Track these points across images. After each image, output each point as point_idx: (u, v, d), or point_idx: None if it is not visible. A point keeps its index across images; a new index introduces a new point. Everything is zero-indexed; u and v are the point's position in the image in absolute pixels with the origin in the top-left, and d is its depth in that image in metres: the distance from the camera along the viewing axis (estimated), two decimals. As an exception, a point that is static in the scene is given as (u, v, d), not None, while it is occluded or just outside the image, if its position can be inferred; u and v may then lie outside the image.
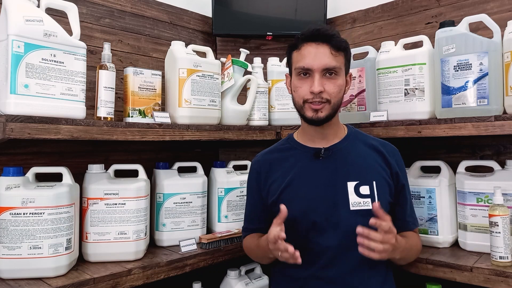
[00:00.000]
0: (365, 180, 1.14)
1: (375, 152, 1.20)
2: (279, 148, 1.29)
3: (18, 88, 1.04)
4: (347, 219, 1.11)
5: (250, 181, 1.30)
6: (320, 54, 1.13)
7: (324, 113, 1.15)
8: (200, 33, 1.91)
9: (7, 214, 1.09)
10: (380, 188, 1.14)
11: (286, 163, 1.22)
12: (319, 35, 1.14)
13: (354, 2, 1.90)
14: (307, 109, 1.16)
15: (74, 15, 1.19)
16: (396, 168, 1.20)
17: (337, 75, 1.15)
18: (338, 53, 1.14)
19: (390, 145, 1.25)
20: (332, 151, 1.19)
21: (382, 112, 1.43)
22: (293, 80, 1.20)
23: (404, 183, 1.22)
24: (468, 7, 1.56)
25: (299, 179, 1.17)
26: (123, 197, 1.27)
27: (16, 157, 1.33)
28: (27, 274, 1.10)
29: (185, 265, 1.32)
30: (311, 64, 1.13)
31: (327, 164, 1.18)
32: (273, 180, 1.21)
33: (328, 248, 1.12)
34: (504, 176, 1.29)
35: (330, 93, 1.14)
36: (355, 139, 1.23)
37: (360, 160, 1.18)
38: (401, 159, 1.24)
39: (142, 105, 1.38)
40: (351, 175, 1.15)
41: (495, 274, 1.13)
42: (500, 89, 1.23)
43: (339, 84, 1.15)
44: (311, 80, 1.14)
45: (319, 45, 1.14)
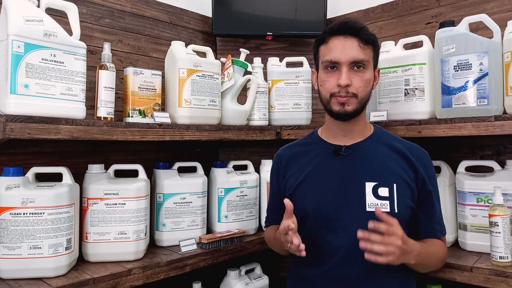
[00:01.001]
0: (384, 182, 1.11)
1: (399, 155, 1.16)
2: (301, 143, 1.28)
3: (18, 88, 1.04)
4: (361, 220, 1.07)
5: (271, 173, 1.31)
6: (348, 47, 1.11)
7: (351, 107, 1.12)
8: (200, 33, 1.91)
9: (7, 214, 1.09)
10: (400, 192, 1.10)
11: (305, 158, 1.21)
12: (347, 28, 1.13)
13: (354, 2, 1.90)
14: (334, 103, 1.13)
15: (74, 15, 1.19)
16: (423, 173, 1.14)
17: (365, 68, 1.13)
18: (366, 46, 1.12)
19: (419, 148, 1.19)
20: (353, 150, 1.16)
21: (382, 112, 1.43)
22: (319, 74, 1.18)
23: (431, 190, 1.16)
24: (468, 7, 1.56)
25: (314, 175, 1.16)
26: (123, 197, 1.27)
27: (16, 157, 1.33)
28: (27, 274, 1.10)
29: (185, 265, 1.32)
30: (339, 57, 1.11)
31: (346, 162, 1.15)
32: (291, 174, 1.21)
33: (339, 247, 1.09)
34: (504, 176, 1.29)
35: (357, 87, 1.11)
36: (379, 140, 1.19)
37: (382, 161, 1.14)
38: (430, 164, 1.18)
39: (142, 105, 1.39)
40: (370, 176, 1.12)
41: (495, 274, 1.13)
42: (500, 89, 1.23)
43: (366, 78, 1.13)
44: (338, 74, 1.12)
45: (347, 38, 1.12)
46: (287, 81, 1.73)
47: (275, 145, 1.82)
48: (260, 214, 1.67)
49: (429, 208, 1.16)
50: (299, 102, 1.73)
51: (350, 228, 1.09)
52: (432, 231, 1.16)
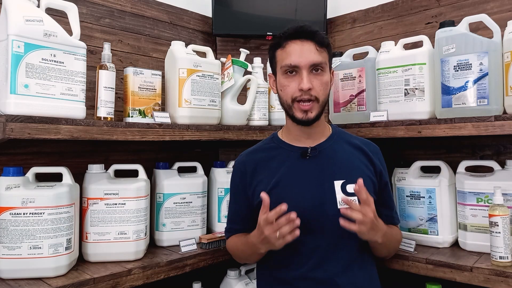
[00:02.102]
0: (351, 179, 1.13)
1: (359, 151, 1.22)
2: (264, 148, 1.27)
3: (18, 88, 1.04)
4: (334, 218, 1.09)
5: (234, 181, 1.28)
6: (306, 50, 1.13)
7: (314, 113, 1.15)
8: (200, 33, 1.91)
9: (7, 214, 1.09)
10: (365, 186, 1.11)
11: (272, 163, 1.21)
12: (303, 32, 1.15)
13: (354, 2, 1.90)
14: (296, 109, 1.16)
15: (74, 15, 1.19)
16: (379, 166, 1.22)
17: (323, 71, 1.16)
18: (322, 49, 1.15)
19: (372, 144, 1.27)
20: (318, 151, 1.19)
21: (382, 112, 1.43)
22: (278, 79, 1.19)
23: (387, 181, 1.25)
24: (468, 7, 1.56)
25: (287, 179, 1.17)
26: (123, 197, 1.27)
27: (16, 157, 1.33)
28: (27, 274, 1.10)
29: (185, 265, 1.32)
30: (298, 61, 1.13)
31: (314, 163, 1.18)
32: (259, 181, 1.20)
33: (316, 248, 1.12)
34: (504, 176, 1.29)
35: (318, 91, 1.14)
36: (339, 138, 1.24)
37: (346, 159, 1.19)
38: (382, 157, 1.27)
39: (142, 105, 1.39)
40: (337, 174, 1.16)
41: (495, 274, 1.13)
42: (500, 89, 1.23)
43: (325, 81, 1.16)
44: (299, 77, 1.13)
45: (304, 42, 1.14)
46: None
47: (275, 145, 1.82)
48: (260, 214, 1.67)
49: (387, 198, 1.25)
50: (299, 102, 1.72)
51: (326, 228, 1.12)
52: (392, 219, 1.25)
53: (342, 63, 1.64)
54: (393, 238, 1.21)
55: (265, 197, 1.04)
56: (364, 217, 1.02)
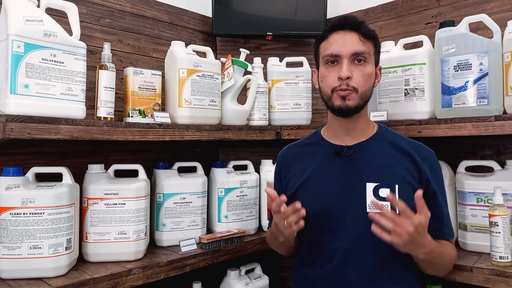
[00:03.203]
0: (386, 183, 1.08)
1: (403, 154, 1.13)
2: (304, 143, 1.27)
3: (18, 88, 1.04)
4: (361, 221, 1.06)
5: (275, 172, 1.31)
6: (349, 40, 1.11)
7: (352, 102, 1.10)
8: (200, 33, 1.91)
9: (7, 214, 1.09)
10: (403, 193, 1.07)
11: (306, 159, 1.21)
12: (346, 23, 1.13)
13: (354, 2, 1.90)
14: (335, 98, 1.11)
15: (74, 15, 1.19)
16: (427, 174, 1.11)
17: (366, 62, 1.11)
18: (367, 40, 1.12)
19: (425, 148, 1.17)
20: (354, 150, 1.15)
21: (382, 112, 1.43)
22: (320, 70, 1.17)
23: (436, 191, 1.12)
24: (468, 7, 1.56)
25: (316, 177, 1.16)
26: (123, 197, 1.27)
27: (16, 157, 1.33)
28: (27, 274, 1.10)
29: (185, 265, 1.32)
30: (339, 50, 1.10)
31: (347, 163, 1.14)
32: (292, 175, 1.21)
33: (339, 249, 1.08)
34: (504, 176, 1.29)
35: (358, 82, 1.09)
36: (383, 139, 1.17)
37: (384, 162, 1.12)
38: (436, 164, 1.16)
39: (142, 105, 1.38)
40: (371, 176, 1.10)
41: (495, 274, 1.13)
42: (500, 89, 1.23)
43: (367, 72, 1.11)
44: (339, 67, 1.10)
45: (347, 32, 1.12)
46: (287, 81, 1.73)
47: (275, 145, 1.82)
48: (260, 214, 1.67)
49: (436, 210, 1.11)
50: (299, 102, 1.73)
51: (351, 229, 1.08)
52: (441, 234, 1.12)
53: (342, 63, 1.64)
54: (443, 256, 1.07)
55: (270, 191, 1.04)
56: (398, 227, 0.93)
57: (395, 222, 0.93)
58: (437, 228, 1.11)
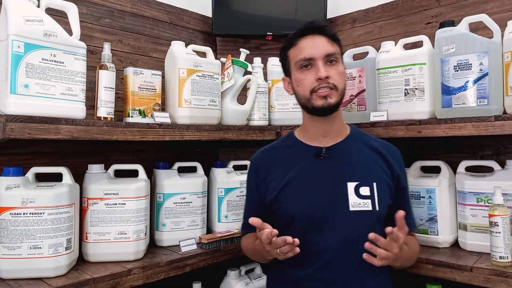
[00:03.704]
0: (365, 181, 1.13)
1: (376, 154, 1.19)
2: (280, 146, 1.28)
3: (18, 88, 1.04)
4: (346, 220, 1.11)
5: (249, 178, 1.29)
6: (319, 43, 1.15)
7: (334, 99, 1.14)
8: (200, 33, 1.91)
9: (7, 214, 1.09)
10: (380, 190, 1.13)
11: (286, 162, 1.21)
12: (313, 27, 1.17)
13: (354, 2, 1.90)
14: (315, 99, 1.14)
15: (74, 15, 1.19)
16: (397, 170, 1.19)
17: (338, 62, 1.16)
18: (334, 42, 1.17)
19: (392, 147, 1.24)
20: (333, 151, 1.18)
21: (382, 112, 1.43)
22: (294, 76, 1.19)
23: (405, 186, 1.22)
24: (468, 7, 1.56)
25: (299, 179, 1.17)
26: (123, 197, 1.27)
27: (16, 157, 1.33)
28: (27, 274, 1.10)
29: (185, 265, 1.32)
30: (312, 52, 1.14)
31: (327, 163, 1.17)
32: (272, 178, 1.21)
33: (326, 249, 1.11)
34: (504, 176, 1.29)
35: (336, 80, 1.13)
36: (357, 139, 1.22)
37: (361, 161, 1.17)
38: (402, 161, 1.23)
39: (142, 105, 1.38)
40: (351, 176, 1.14)
41: (495, 274, 1.13)
42: (500, 89, 1.23)
43: (341, 71, 1.16)
44: (315, 69, 1.14)
45: (315, 36, 1.16)
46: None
47: (275, 145, 1.82)
48: (260, 214, 1.67)
49: (405, 203, 1.21)
50: (299, 102, 1.72)
51: (336, 228, 1.11)
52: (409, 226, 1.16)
53: (342, 63, 1.64)
54: (411, 257, 1.19)
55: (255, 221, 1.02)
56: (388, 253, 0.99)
57: (387, 249, 0.99)
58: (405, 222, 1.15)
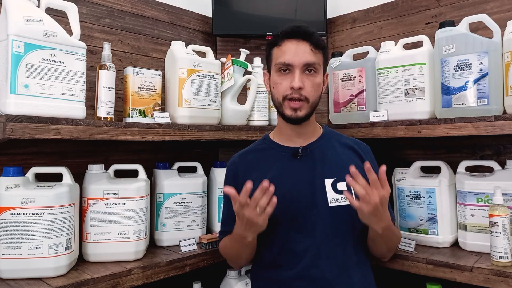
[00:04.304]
0: (341, 177, 1.14)
1: (350, 150, 1.24)
2: (256, 149, 1.29)
3: (18, 88, 1.04)
4: (326, 216, 1.13)
5: (226, 183, 1.27)
6: (301, 50, 1.15)
7: (303, 112, 1.16)
8: (200, 33, 1.91)
9: (7, 214, 1.09)
10: None
11: (264, 164, 1.22)
12: (299, 32, 1.17)
13: (354, 2, 1.90)
14: (286, 107, 1.17)
15: (74, 15, 1.19)
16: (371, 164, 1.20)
17: (316, 72, 1.17)
18: (317, 50, 1.17)
19: (363, 143, 1.29)
20: (309, 150, 1.21)
21: (382, 112, 1.43)
22: (272, 76, 1.21)
23: None
24: (468, 7, 1.56)
25: (278, 179, 1.16)
26: (123, 197, 1.27)
27: (16, 157, 1.33)
28: (27, 274, 1.10)
29: (185, 265, 1.32)
30: (292, 59, 1.14)
31: (304, 163, 1.19)
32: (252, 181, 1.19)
33: (309, 246, 1.12)
34: (504, 176, 1.29)
35: (309, 91, 1.15)
36: (330, 138, 1.26)
37: (337, 158, 1.20)
38: (373, 156, 1.28)
39: (142, 105, 1.38)
40: (328, 173, 1.17)
41: (495, 274, 1.13)
42: (500, 89, 1.23)
43: (317, 82, 1.17)
44: (291, 76, 1.15)
45: (300, 42, 1.16)
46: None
47: (275, 145, 1.81)
48: (260, 214, 1.66)
49: None
50: (299, 102, 1.72)
51: (317, 226, 1.13)
52: None
53: (342, 63, 1.64)
54: (394, 235, 1.19)
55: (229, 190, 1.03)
56: (367, 196, 1.00)
57: (366, 191, 1.00)
58: None
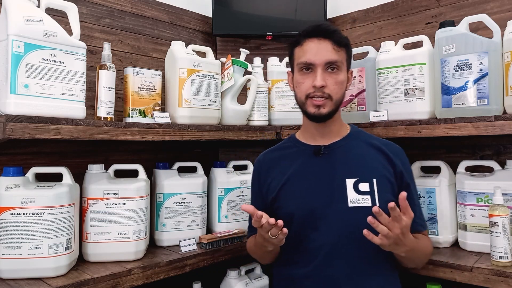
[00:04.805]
0: (364, 177, 1.13)
1: (377, 151, 1.20)
2: (281, 147, 1.30)
3: (18, 88, 1.04)
4: (344, 216, 1.11)
5: (252, 180, 1.32)
6: (322, 49, 1.14)
7: (326, 109, 1.15)
8: (200, 33, 1.91)
9: (7, 214, 1.09)
10: (381, 186, 1.13)
11: (286, 161, 1.23)
12: (320, 31, 1.16)
13: (354, 2, 1.90)
14: (309, 105, 1.16)
15: (74, 15, 1.19)
16: (400, 167, 1.18)
17: (339, 70, 1.16)
18: (340, 48, 1.16)
19: (394, 145, 1.24)
20: (332, 149, 1.19)
21: (382, 112, 1.42)
22: (295, 76, 1.21)
23: (410, 183, 1.19)
24: (468, 7, 1.56)
25: (296, 177, 1.18)
26: (123, 197, 1.27)
27: (16, 157, 1.33)
28: (27, 274, 1.10)
29: (185, 265, 1.32)
30: (313, 59, 1.14)
31: (326, 161, 1.18)
32: (272, 178, 1.22)
33: (323, 245, 1.11)
34: (504, 176, 1.29)
35: (332, 89, 1.14)
36: (356, 138, 1.23)
37: (361, 158, 1.18)
38: (406, 159, 1.23)
39: (142, 105, 1.38)
40: (350, 172, 1.15)
41: (495, 274, 1.13)
42: (500, 89, 1.23)
43: (340, 80, 1.16)
44: (314, 75, 1.14)
45: (321, 40, 1.15)
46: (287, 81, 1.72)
47: (275, 145, 1.82)
48: (260, 214, 1.66)
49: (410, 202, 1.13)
50: (299, 102, 1.72)
51: (334, 226, 1.11)
52: (415, 224, 1.14)
53: (342, 63, 1.64)
54: (420, 251, 1.14)
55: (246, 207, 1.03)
56: (389, 232, 0.96)
57: (389, 227, 0.97)
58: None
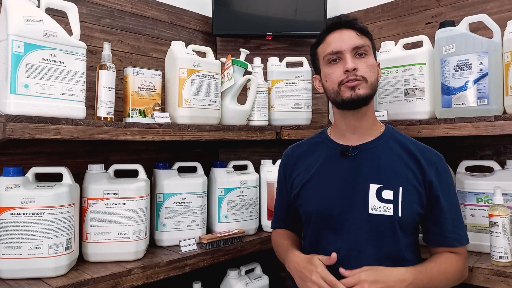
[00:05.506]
0: (389, 185, 1.07)
1: (409, 157, 1.11)
2: (310, 142, 1.27)
3: (18, 88, 1.04)
4: (362, 222, 1.06)
5: (279, 172, 1.32)
6: (347, 36, 1.11)
7: (363, 91, 1.08)
8: (200, 33, 1.91)
9: (7, 214, 1.09)
10: (406, 196, 1.06)
11: (311, 158, 1.21)
12: (340, 22, 1.14)
13: (354, 2, 1.90)
14: (344, 90, 1.09)
15: (74, 15, 1.19)
16: (431, 177, 1.08)
17: (368, 54, 1.12)
18: (363, 35, 1.13)
19: (431, 151, 1.14)
20: (360, 150, 1.13)
21: (382, 112, 1.42)
22: (323, 71, 1.16)
23: (439, 195, 1.08)
24: (468, 7, 1.56)
25: (319, 176, 1.15)
26: (123, 197, 1.27)
27: (16, 157, 1.33)
28: (27, 274, 1.10)
29: (185, 265, 1.32)
30: (340, 45, 1.10)
31: (352, 163, 1.13)
32: (297, 174, 1.21)
33: (340, 249, 1.07)
34: (504, 176, 1.29)
35: (365, 71, 1.09)
36: (390, 140, 1.15)
37: (389, 163, 1.10)
38: (444, 167, 1.12)
39: (142, 105, 1.38)
40: (375, 178, 1.08)
41: (495, 274, 1.13)
42: (500, 89, 1.23)
43: (371, 63, 1.11)
44: (343, 62, 1.10)
45: (343, 30, 1.13)
46: (287, 81, 1.73)
47: (275, 145, 1.82)
48: (260, 214, 1.67)
49: (436, 214, 1.09)
50: (299, 102, 1.73)
51: (352, 230, 1.08)
52: (446, 240, 1.09)
53: (342, 63, 1.64)
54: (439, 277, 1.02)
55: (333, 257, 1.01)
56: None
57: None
58: (437, 232, 1.10)
